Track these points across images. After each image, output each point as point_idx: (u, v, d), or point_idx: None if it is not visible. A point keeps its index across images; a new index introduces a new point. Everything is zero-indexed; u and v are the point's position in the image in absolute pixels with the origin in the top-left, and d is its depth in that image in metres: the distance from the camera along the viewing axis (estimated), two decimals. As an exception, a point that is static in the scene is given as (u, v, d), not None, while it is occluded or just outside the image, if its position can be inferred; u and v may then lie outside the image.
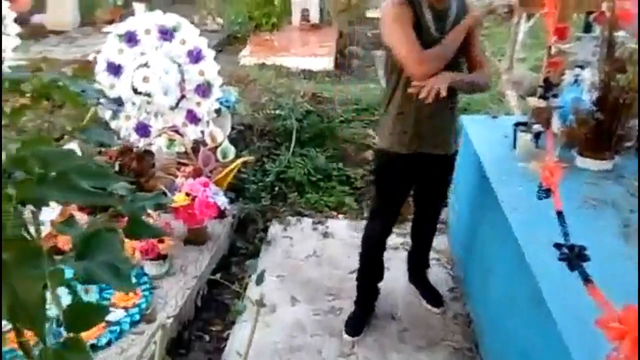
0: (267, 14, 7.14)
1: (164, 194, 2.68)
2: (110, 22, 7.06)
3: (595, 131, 2.14)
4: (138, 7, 6.96)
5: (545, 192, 1.77)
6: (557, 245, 1.33)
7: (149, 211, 2.26)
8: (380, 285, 2.47)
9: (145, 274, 2.44)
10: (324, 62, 6.01)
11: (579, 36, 2.56)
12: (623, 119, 2.12)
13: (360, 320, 2.37)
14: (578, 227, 1.60)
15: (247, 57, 6.05)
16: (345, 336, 2.31)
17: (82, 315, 0.79)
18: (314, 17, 7.71)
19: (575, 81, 2.48)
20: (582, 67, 2.50)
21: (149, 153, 2.87)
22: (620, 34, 2.13)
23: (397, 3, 1.92)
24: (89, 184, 0.88)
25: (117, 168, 2.60)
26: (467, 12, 2.01)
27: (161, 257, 2.45)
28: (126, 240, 0.95)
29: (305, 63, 5.93)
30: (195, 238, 2.74)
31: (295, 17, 7.65)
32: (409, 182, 2.28)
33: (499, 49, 6.92)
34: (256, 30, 7.15)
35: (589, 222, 1.83)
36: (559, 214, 1.58)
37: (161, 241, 2.41)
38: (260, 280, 1.58)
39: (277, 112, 3.80)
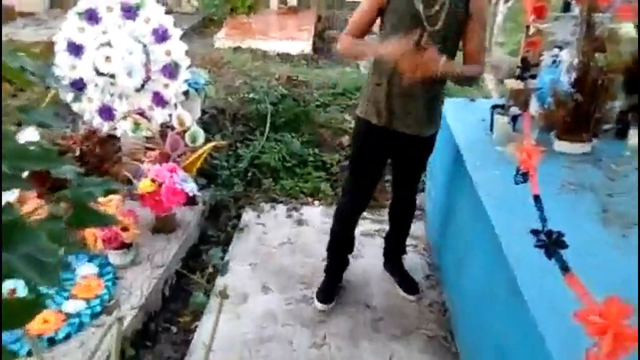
0: (244, -4, 6.96)
1: (129, 180, 2.56)
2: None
3: (574, 114, 2.08)
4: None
5: (523, 176, 1.70)
6: (534, 232, 1.27)
7: (116, 198, 2.12)
8: (355, 270, 2.45)
9: (109, 264, 2.32)
10: (302, 46, 5.88)
11: (557, 16, 2.49)
12: (601, 101, 2.07)
13: (330, 289, 2.40)
14: (556, 212, 1.53)
15: (222, 39, 5.88)
16: (317, 303, 2.35)
17: (12, 312, 0.71)
18: (292, 0, 7.55)
19: (554, 62, 2.42)
20: (560, 47, 2.44)
21: (113, 137, 2.73)
22: (599, 15, 2.05)
23: None
24: (29, 167, 0.82)
25: (77, 153, 2.46)
26: (469, 3, 1.89)
27: (125, 246, 2.34)
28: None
29: (283, 46, 5.79)
30: (163, 226, 2.63)
31: (273, 0, 7.48)
32: (382, 156, 2.23)
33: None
34: (232, 13, 6.97)
35: (567, 207, 1.77)
36: (536, 198, 1.51)
37: (125, 229, 2.29)
38: (224, 271, 1.50)
39: (251, 95, 3.68)
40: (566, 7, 2.53)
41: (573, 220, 1.69)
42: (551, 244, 1.20)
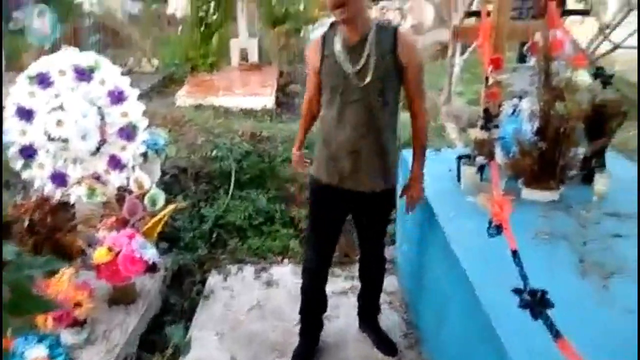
0: (204, 54, 6.99)
1: (83, 250, 2.39)
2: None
3: (539, 162, 2.08)
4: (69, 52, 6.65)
5: (496, 229, 1.66)
6: (517, 291, 1.20)
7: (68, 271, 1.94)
8: (330, 331, 2.36)
9: (60, 345, 2.11)
10: (265, 101, 5.89)
11: (514, 67, 2.56)
12: (565, 148, 2.08)
13: (306, 352, 2.31)
14: (532, 263, 1.48)
15: (184, 97, 5.84)
16: None
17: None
18: (253, 56, 7.64)
19: (514, 112, 2.45)
20: (519, 97, 2.48)
21: (66, 205, 2.57)
22: (555, 63, 2.10)
23: (311, 42, 2.06)
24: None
25: (26, 223, 2.29)
26: (398, 46, 1.89)
27: (79, 323, 2.15)
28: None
29: (246, 102, 5.79)
30: (121, 297, 2.45)
31: (234, 57, 7.55)
32: (339, 213, 2.18)
33: (436, 83, 7.10)
34: (193, 72, 6.97)
35: (543, 257, 1.73)
36: (514, 253, 1.46)
37: (78, 304, 2.11)
38: (186, 350, 1.36)
39: (215, 153, 3.60)
40: (522, 59, 2.61)
41: (550, 271, 1.65)
42: (536, 304, 1.13)
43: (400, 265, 2.82)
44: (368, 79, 1.87)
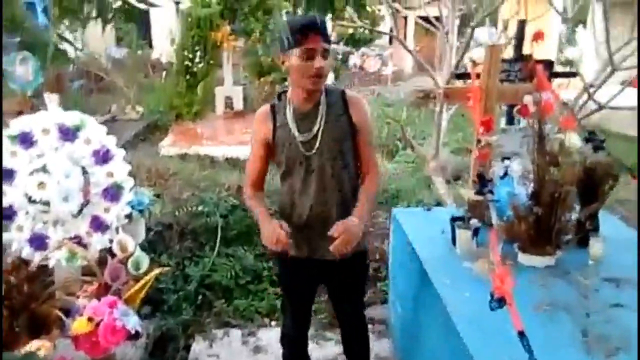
0: (189, 102, 7.01)
1: (61, 320, 2.25)
2: (19, 113, 6.59)
3: (535, 227, 2.06)
4: (50, 98, 6.58)
5: (498, 302, 1.61)
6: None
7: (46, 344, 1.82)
8: None
9: None
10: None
11: (504, 128, 2.58)
12: (560, 212, 2.06)
13: None
14: (534, 337, 1.44)
15: (168, 147, 5.79)
16: None
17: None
18: (238, 104, 7.68)
19: (505, 174, 2.44)
20: (508, 158, 2.48)
21: (45, 269, 2.45)
22: (548, 126, 2.12)
23: (259, 114, 1.97)
24: None
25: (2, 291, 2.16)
26: (350, 108, 1.92)
27: (54, 403, 1.99)
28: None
29: (231, 151, 5.77)
30: (101, 369, 2.29)
31: (219, 106, 7.59)
32: (311, 284, 2.15)
33: (421, 132, 7.19)
34: (178, 120, 6.97)
35: (545, 331, 1.67)
36: (521, 334, 1.40)
37: (54, 383, 1.97)
38: None
39: (200, 208, 3.52)
40: (510, 120, 2.63)
41: (554, 347, 1.59)
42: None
43: (394, 328, 2.73)
44: (315, 149, 1.87)
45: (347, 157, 1.95)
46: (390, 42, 20.03)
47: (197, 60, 7.01)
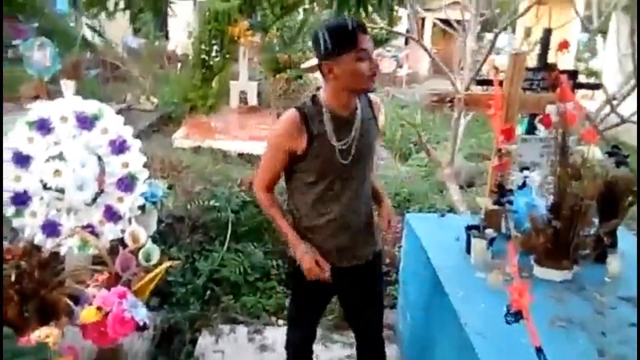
0: (204, 95, 7.01)
1: (70, 307, 2.26)
2: (36, 98, 6.63)
3: (553, 240, 2.02)
4: (67, 85, 6.62)
5: (514, 316, 1.59)
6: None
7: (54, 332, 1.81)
8: None
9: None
10: (263, 146, 5.86)
11: (524, 138, 2.54)
12: (579, 226, 2.03)
13: None
14: (551, 355, 1.42)
15: (181, 139, 5.79)
16: None
17: None
18: (252, 99, 7.67)
19: (524, 184, 2.41)
20: (527, 168, 2.44)
21: (55, 256, 2.45)
22: (570, 138, 2.08)
23: (289, 121, 1.79)
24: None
25: (13, 278, 2.17)
26: (375, 111, 1.90)
27: (60, 391, 1.99)
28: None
29: (244, 146, 5.75)
30: (108, 359, 2.30)
31: (233, 100, 7.58)
32: (327, 296, 2.10)
33: (435, 136, 7.14)
34: (192, 112, 6.97)
35: (562, 348, 1.64)
36: (539, 350, 1.38)
37: (61, 370, 1.97)
38: None
39: (212, 202, 3.50)
40: (531, 130, 2.59)
41: (571, 365, 1.56)
42: None
43: (403, 335, 2.70)
44: (353, 153, 1.81)
45: (371, 163, 1.94)
46: (406, 43, 19.90)
47: (213, 53, 7.01)
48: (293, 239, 1.86)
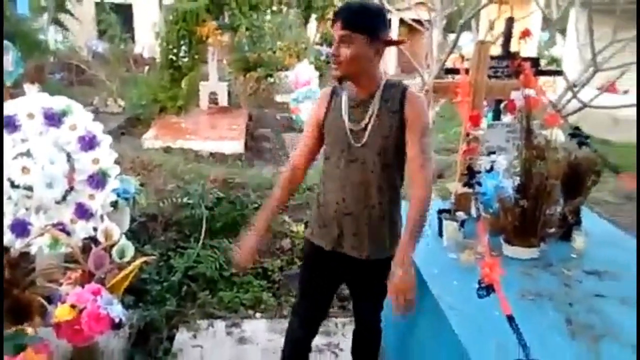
0: (173, 96, 6.93)
1: (43, 307, 2.21)
2: (-3, 103, 6.45)
3: (521, 219, 2.09)
4: (30, 89, 6.45)
5: (486, 290, 1.64)
6: (521, 365, 1.16)
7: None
8: None
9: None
10: (234, 145, 5.84)
11: (490, 124, 2.62)
12: (545, 205, 2.10)
13: None
14: (522, 325, 1.46)
15: (151, 140, 5.73)
16: None
17: None
18: (223, 100, 7.63)
19: (492, 168, 2.48)
20: (493, 153, 2.52)
21: (25, 256, 2.40)
22: (534, 122, 2.16)
23: (321, 93, 1.97)
24: None
25: (-19, 278, 2.11)
26: (406, 105, 1.77)
27: (35, 391, 1.95)
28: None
29: (215, 146, 5.72)
30: (83, 358, 2.26)
31: (204, 100, 7.53)
32: (333, 280, 2.06)
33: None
34: (161, 113, 6.89)
35: (530, 318, 1.70)
36: (510, 319, 1.43)
37: (35, 369, 1.93)
38: None
39: (185, 200, 3.48)
40: (496, 115, 2.67)
41: (540, 333, 1.62)
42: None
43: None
44: (364, 141, 1.79)
45: (388, 157, 1.81)
46: (374, 44, 20.12)
47: (182, 54, 6.95)
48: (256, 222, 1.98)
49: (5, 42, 7.19)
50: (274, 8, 8.78)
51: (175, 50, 6.92)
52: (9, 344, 0.76)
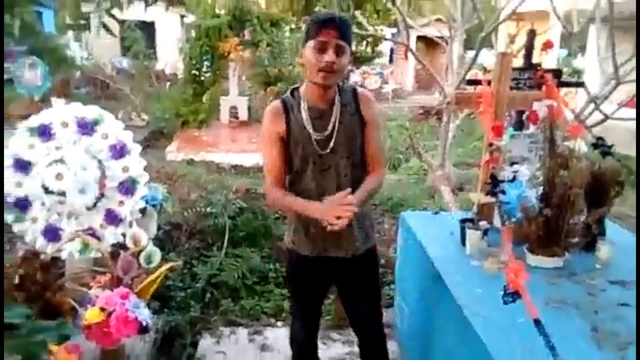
0: (195, 110, 7.07)
1: (74, 309, 2.27)
2: (26, 117, 6.66)
3: (545, 228, 2.10)
4: (57, 103, 6.65)
5: (512, 296, 1.65)
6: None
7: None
8: None
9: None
10: (256, 158, 5.92)
11: (512, 134, 2.63)
12: (569, 215, 2.11)
13: None
14: (548, 331, 1.48)
15: (174, 152, 5.84)
16: None
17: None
18: (243, 114, 7.76)
19: (514, 177, 2.49)
20: (516, 163, 2.54)
21: (57, 260, 2.47)
22: (557, 132, 2.18)
23: (271, 109, 1.91)
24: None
25: (17, 280, 2.18)
26: (361, 104, 1.91)
27: (65, 390, 2.00)
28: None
29: (236, 159, 5.81)
30: (110, 361, 2.31)
31: (224, 115, 7.66)
32: (322, 284, 2.13)
33: (423, 145, 7.27)
34: (183, 127, 7.03)
35: (557, 325, 1.69)
36: (537, 322, 1.44)
37: (66, 370, 1.98)
38: None
39: (209, 209, 3.55)
40: (519, 125, 2.69)
41: (567, 340, 1.62)
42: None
43: (401, 329, 2.74)
44: (332, 145, 1.86)
45: (358, 156, 1.93)
46: (391, 61, 20.27)
47: (204, 69, 7.10)
48: (312, 208, 1.85)
49: (34, 57, 7.45)
50: (293, 26, 8.95)
51: (197, 66, 7.08)
52: (53, 334, 0.81)
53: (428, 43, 15.44)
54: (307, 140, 1.86)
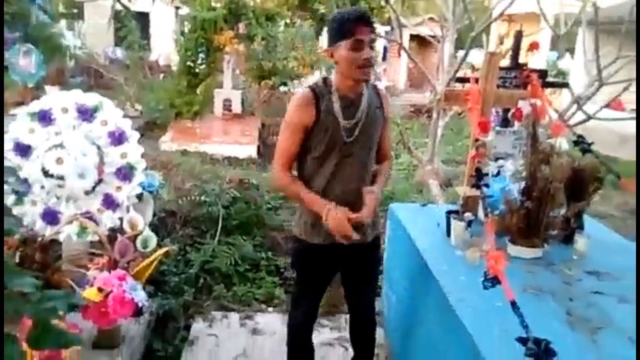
0: (189, 102, 7.12)
1: (72, 288, 2.34)
2: (20, 104, 6.65)
3: (526, 220, 2.20)
4: (51, 91, 6.67)
5: (491, 281, 1.75)
6: (521, 340, 1.27)
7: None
8: None
9: (42, 388, 2.04)
10: (249, 150, 6.00)
11: (498, 130, 2.74)
12: (549, 208, 2.22)
13: None
14: (524, 314, 1.58)
15: (168, 143, 5.90)
16: None
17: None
18: (236, 107, 7.81)
19: (499, 172, 2.60)
20: (501, 158, 2.64)
21: (55, 242, 2.54)
22: (540, 130, 2.28)
23: (301, 97, 1.95)
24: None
25: (17, 259, 2.25)
26: (382, 102, 2.05)
27: (63, 366, 2.08)
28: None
29: (229, 150, 5.89)
30: (105, 341, 2.39)
31: (218, 107, 7.71)
32: (329, 273, 2.21)
33: (414, 142, 7.39)
34: (177, 118, 7.07)
35: (533, 310, 1.80)
36: (513, 304, 1.54)
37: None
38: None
39: (203, 198, 3.62)
40: (504, 122, 2.80)
41: (542, 322, 1.72)
42: (542, 352, 1.20)
43: (387, 317, 2.85)
44: (354, 137, 1.95)
45: (374, 148, 2.05)
46: (384, 58, 20.37)
47: (199, 61, 7.14)
48: (321, 205, 1.91)
49: (28, 45, 7.44)
50: (288, 20, 9.01)
51: (192, 58, 7.12)
52: (61, 302, 0.89)
53: (421, 42, 15.54)
54: (335, 127, 1.94)
